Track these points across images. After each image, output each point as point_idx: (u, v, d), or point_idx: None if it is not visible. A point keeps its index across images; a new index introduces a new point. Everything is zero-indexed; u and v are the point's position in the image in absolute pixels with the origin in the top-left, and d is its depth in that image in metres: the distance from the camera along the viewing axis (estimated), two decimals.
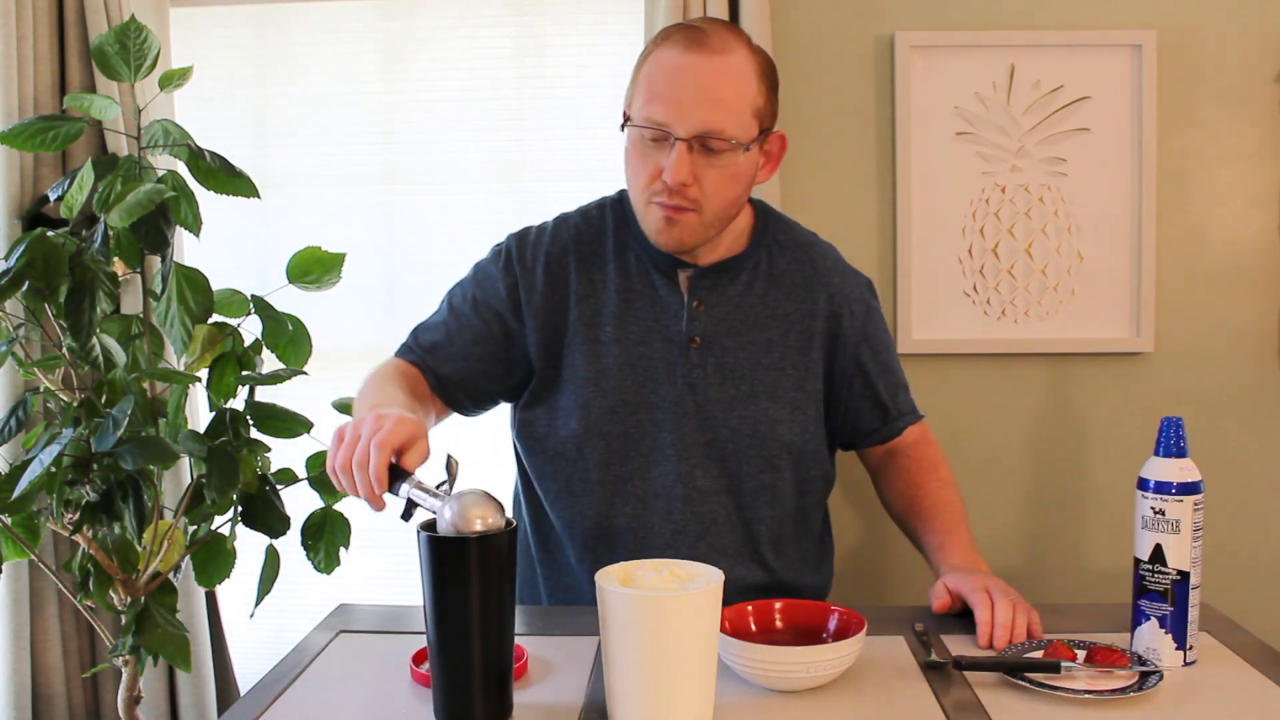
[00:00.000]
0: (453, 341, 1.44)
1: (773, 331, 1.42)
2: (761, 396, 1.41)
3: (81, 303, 1.49)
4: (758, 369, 1.41)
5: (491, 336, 1.44)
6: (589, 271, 1.43)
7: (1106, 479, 2.14)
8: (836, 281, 1.46)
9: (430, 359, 1.44)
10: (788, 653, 1.09)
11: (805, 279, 1.45)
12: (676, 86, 1.28)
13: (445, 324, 1.46)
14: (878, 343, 1.50)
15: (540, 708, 1.08)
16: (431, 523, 1.06)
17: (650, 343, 1.40)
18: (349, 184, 2.22)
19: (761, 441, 1.40)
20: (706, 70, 1.28)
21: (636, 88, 1.33)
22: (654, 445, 1.40)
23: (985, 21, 2.07)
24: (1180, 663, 1.16)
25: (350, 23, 2.19)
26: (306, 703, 1.11)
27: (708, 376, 1.40)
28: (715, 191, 1.32)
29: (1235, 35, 2.05)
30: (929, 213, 2.09)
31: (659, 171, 1.31)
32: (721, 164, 1.31)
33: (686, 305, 1.41)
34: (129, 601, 1.61)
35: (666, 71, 1.30)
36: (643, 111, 1.30)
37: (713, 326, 1.41)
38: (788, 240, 1.48)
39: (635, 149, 1.34)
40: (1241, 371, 2.11)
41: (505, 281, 1.44)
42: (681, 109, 1.28)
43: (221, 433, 1.62)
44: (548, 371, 1.43)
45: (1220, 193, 2.09)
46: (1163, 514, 1.14)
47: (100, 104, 1.68)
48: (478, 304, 1.45)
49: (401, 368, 1.44)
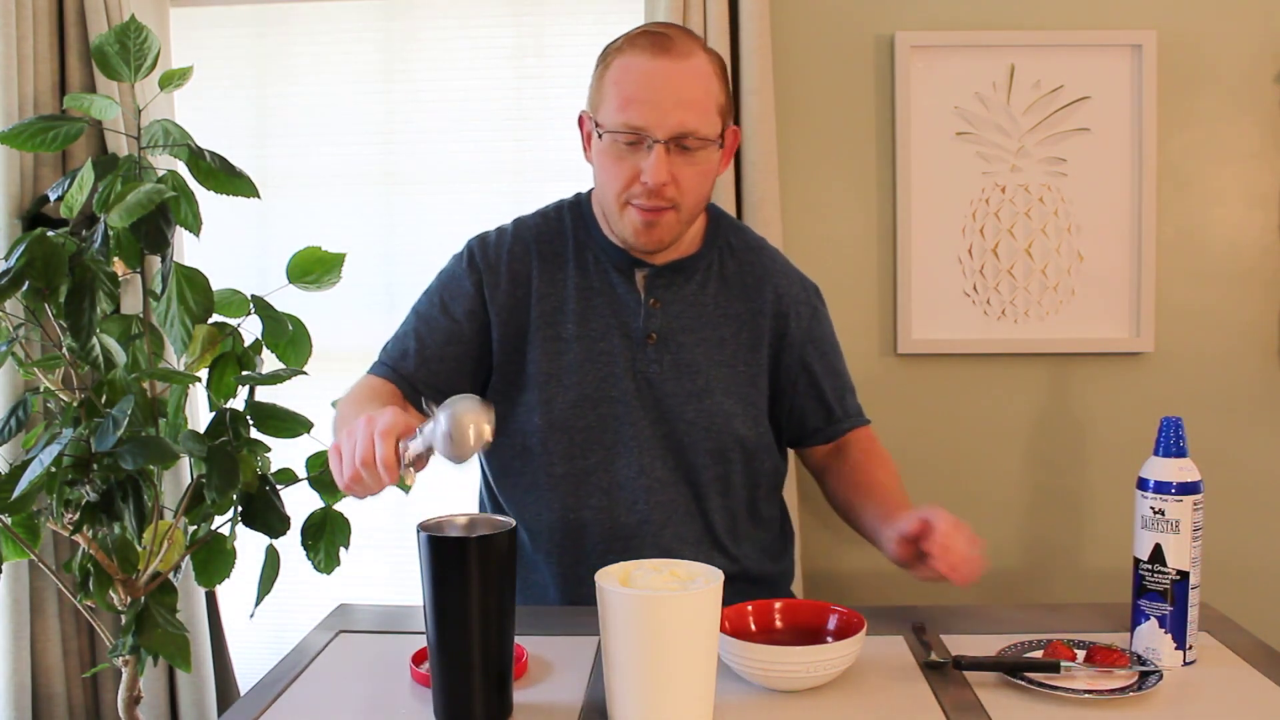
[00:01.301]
0: (425, 345, 1.45)
1: (725, 330, 1.46)
2: (716, 391, 1.44)
3: (81, 303, 1.49)
4: (712, 365, 1.45)
5: (462, 336, 1.45)
6: (549, 270, 1.46)
7: (1106, 479, 2.14)
8: (784, 284, 1.50)
9: (402, 366, 1.45)
10: (788, 653, 1.09)
11: (755, 280, 1.49)
12: (651, 90, 1.32)
13: (414, 331, 1.47)
14: (824, 344, 1.54)
15: (540, 708, 1.08)
16: (431, 523, 1.06)
17: (609, 339, 1.43)
18: (349, 184, 2.22)
19: (716, 434, 1.44)
20: (676, 73, 1.32)
21: (604, 94, 1.36)
22: (615, 438, 1.43)
23: (985, 21, 2.07)
24: (1180, 663, 1.16)
25: (350, 23, 2.19)
26: (306, 703, 1.11)
27: (664, 371, 1.43)
28: (691, 189, 1.37)
29: (1235, 35, 2.05)
30: (929, 213, 2.09)
31: (636, 175, 1.34)
32: (696, 161, 1.35)
33: (644, 303, 1.44)
34: (129, 601, 1.61)
35: (638, 77, 1.33)
36: (617, 117, 1.33)
37: (669, 324, 1.44)
38: (739, 243, 1.52)
39: (609, 154, 1.36)
40: (1241, 371, 2.11)
41: (471, 279, 1.46)
42: (659, 112, 1.31)
43: (221, 433, 1.62)
44: (508, 368, 1.46)
45: (1220, 193, 2.09)
46: (1162, 514, 1.14)
47: (100, 104, 1.68)
48: (446, 306, 1.47)
49: (374, 384, 1.44)
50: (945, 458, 2.14)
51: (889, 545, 1.29)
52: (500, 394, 1.46)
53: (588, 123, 1.42)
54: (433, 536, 1.01)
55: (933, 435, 2.13)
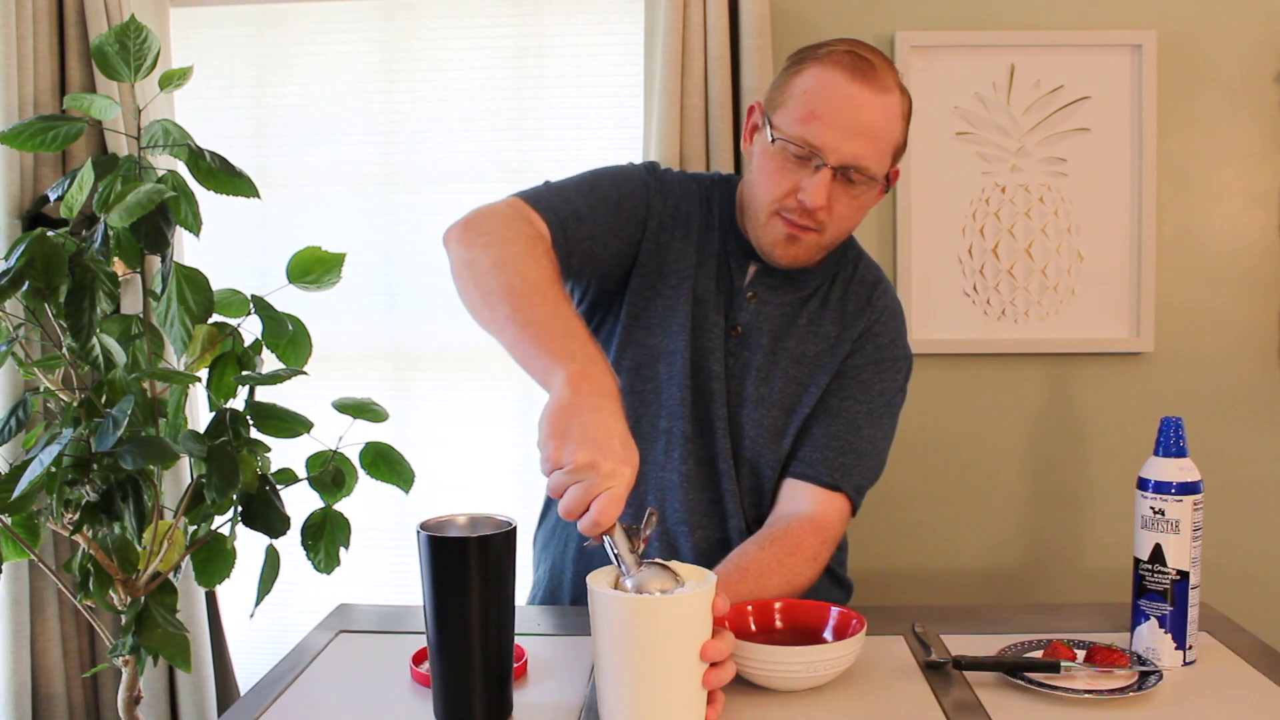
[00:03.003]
0: (597, 220, 1.36)
1: (807, 346, 1.42)
2: (775, 405, 1.40)
3: (81, 303, 1.49)
4: (783, 379, 1.41)
5: (624, 235, 1.39)
6: (702, 229, 1.44)
7: (1106, 479, 2.14)
8: (878, 327, 1.44)
9: (570, 226, 1.33)
10: (788, 653, 1.09)
11: (856, 310, 1.44)
12: (838, 113, 1.28)
13: (590, 202, 1.37)
14: (876, 399, 1.41)
15: (540, 708, 1.08)
16: (431, 523, 1.06)
17: (719, 314, 1.41)
18: (349, 184, 2.22)
19: (761, 449, 1.39)
20: (868, 105, 1.29)
21: (788, 98, 1.32)
22: (705, 413, 1.40)
23: (985, 21, 2.07)
24: (1180, 663, 1.16)
25: (350, 23, 2.19)
26: (306, 703, 1.11)
27: (737, 367, 1.41)
28: (842, 218, 1.34)
29: (1235, 35, 2.05)
30: (929, 213, 2.09)
31: (795, 189, 1.31)
32: (855, 194, 1.33)
33: (742, 293, 1.42)
34: (129, 601, 1.61)
35: (830, 96, 1.29)
36: (796, 129, 1.29)
37: (757, 323, 1.41)
38: (859, 275, 1.47)
39: (773, 161, 1.33)
40: (1241, 371, 2.11)
41: (644, 194, 1.42)
42: (838, 136, 1.28)
43: (221, 433, 1.61)
44: (640, 303, 1.41)
45: (1220, 193, 2.09)
46: (1162, 514, 1.14)
47: (100, 104, 1.68)
48: (619, 203, 1.39)
49: (539, 244, 1.26)
50: (945, 458, 2.14)
51: None
52: (626, 330, 1.41)
53: (757, 115, 1.38)
54: (433, 536, 1.01)
55: (933, 435, 2.13)
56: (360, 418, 1.40)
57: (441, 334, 2.24)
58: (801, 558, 1.29)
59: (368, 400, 1.47)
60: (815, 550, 1.31)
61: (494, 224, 1.29)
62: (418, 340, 2.25)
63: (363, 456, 1.42)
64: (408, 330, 2.25)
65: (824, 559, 1.32)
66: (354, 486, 1.47)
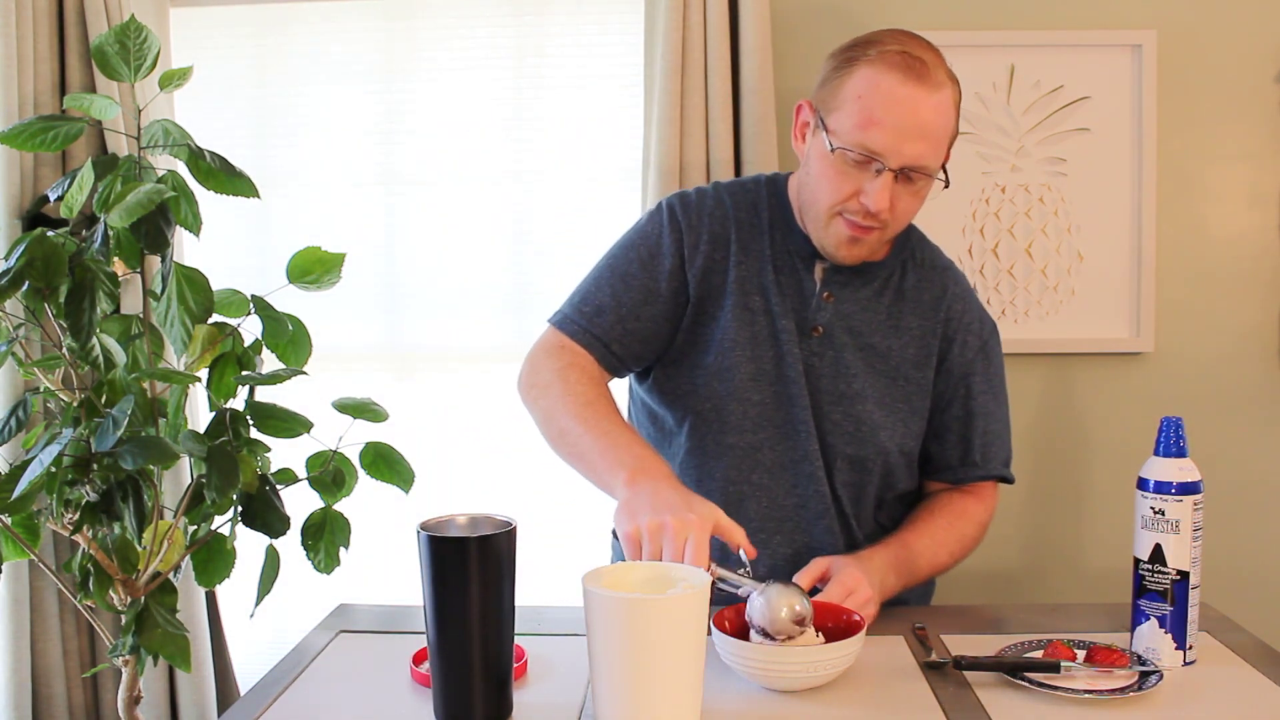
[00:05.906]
0: (621, 303, 1.42)
1: (893, 340, 1.44)
2: (868, 399, 1.42)
3: (81, 303, 1.49)
4: (871, 372, 1.43)
5: (660, 296, 1.43)
6: (745, 239, 1.44)
7: (1106, 479, 2.14)
8: (958, 309, 1.47)
9: (596, 325, 1.41)
10: (788, 653, 1.09)
11: (933, 298, 1.46)
12: (896, 118, 1.28)
13: (610, 287, 1.43)
14: (991, 382, 1.48)
15: (540, 708, 1.08)
16: (431, 523, 1.06)
17: (787, 318, 1.42)
18: (349, 184, 2.22)
19: (859, 442, 1.42)
20: (925, 105, 1.29)
21: (843, 103, 1.32)
22: (786, 418, 1.41)
23: (985, 21, 2.07)
24: (1180, 663, 1.16)
25: (350, 23, 2.19)
26: (306, 703, 1.11)
27: (822, 367, 1.42)
28: (904, 212, 1.36)
29: (1235, 35, 2.05)
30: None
31: (856, 192, 1.32)
32: (915, 190, 1.34)
33: (817, 294, 1.43)
34: (129, 601, 1.61)
35: (886, 100, 1.28)
36: (855, 136, 1.29)
37: (837, 321, 1.43)
38: (925, 259, 1.49)
39: (833, 166, 1.33)
40: (1241, 371, 2.11)
41: (671, 237, 1.44)
42: (898, 141, 1.28)
43: (221, 433, 1.61)
44: (696, 330, 1.44)
45: (1220, 193, 2.09)
46: (1162, 514, 1.14)
47: (100, 104, 1.68)
48: (644, 263, 1.43)
49: (580, 376, 1.38)
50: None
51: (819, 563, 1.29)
52: (680, 355, 1.45)
53: (807, 113, 1.38)
54: (433, 536, 1.01)
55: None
56: (360, 418, 1.40)
57: (441, 334, 2.24)
58: (968, 521, 1.46)
59: (368, 400, 1.47)
60: (979, 515, 1.47)
61: (539, 374, 1.41)
62: (418, 340, 2.25)
63: (363, 456, 1.42)
64: (408, 330, 2.25)
65: (986, 523, 1.48)
66: (354, 486, 1.47)
